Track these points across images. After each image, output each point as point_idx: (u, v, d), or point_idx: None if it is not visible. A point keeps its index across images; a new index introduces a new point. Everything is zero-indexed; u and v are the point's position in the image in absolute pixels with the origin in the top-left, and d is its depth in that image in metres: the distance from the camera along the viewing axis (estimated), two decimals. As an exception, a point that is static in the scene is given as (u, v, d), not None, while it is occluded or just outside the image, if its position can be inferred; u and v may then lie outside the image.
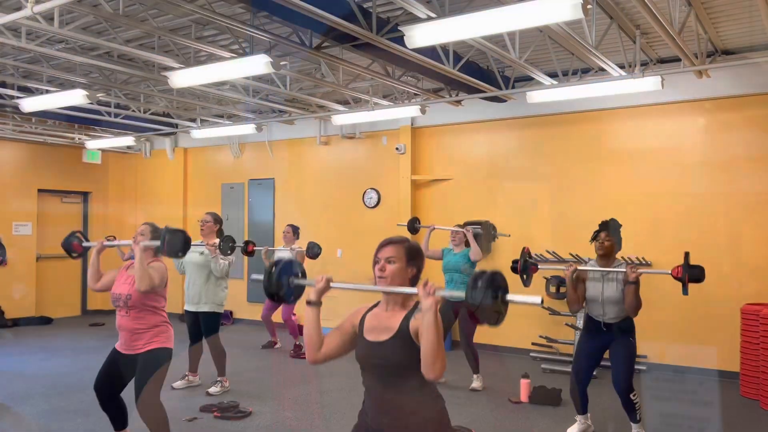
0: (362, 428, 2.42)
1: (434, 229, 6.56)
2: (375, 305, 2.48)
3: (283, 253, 7.50)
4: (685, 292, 4.28)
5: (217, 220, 6.02)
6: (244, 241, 7.76)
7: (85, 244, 4.20)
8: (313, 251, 7.55)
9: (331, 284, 2.36)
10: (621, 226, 4.57)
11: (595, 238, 4.55)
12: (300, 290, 2.55)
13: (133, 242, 3.85)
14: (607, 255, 4.48)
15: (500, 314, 2.07)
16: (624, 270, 4.33)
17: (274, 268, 2.46)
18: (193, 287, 5.86)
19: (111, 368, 3.95)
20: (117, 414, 4.03)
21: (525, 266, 4.63)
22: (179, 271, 6.00)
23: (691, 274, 4.25)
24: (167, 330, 3.99)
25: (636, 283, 4.24)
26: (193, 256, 5.86)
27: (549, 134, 7.70)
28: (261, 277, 2.50)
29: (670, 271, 4.33)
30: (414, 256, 2.39)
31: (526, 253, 4.70)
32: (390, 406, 2.31)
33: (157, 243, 3.81)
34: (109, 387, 3.94)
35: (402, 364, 2.26)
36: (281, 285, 2.47)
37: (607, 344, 4.51)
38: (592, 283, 4.53)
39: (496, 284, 2.04)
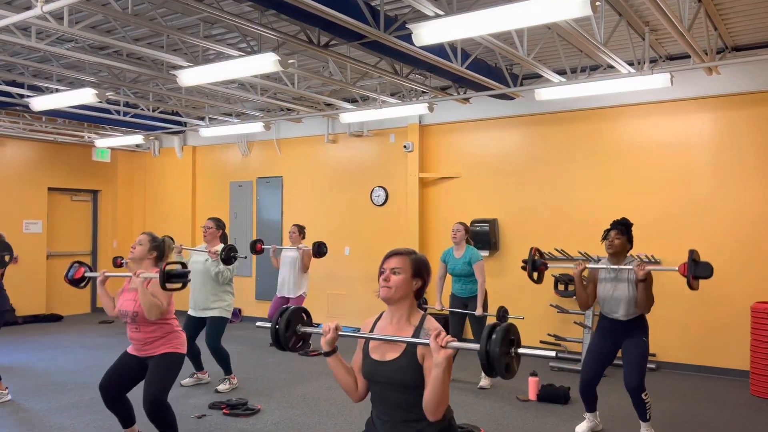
0: None
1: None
2: (379, 317, 2.45)
3: (290, 252, 7.52)
4: (691, 287, 4.30)
5: (220, 225, 5.95)
6: (252, 240, 7.81)
7: (87, 274, 4.19)
8: (320, 251, 7.59)
9: (340, 333, 2.33)
10: (632, 225, 4.56)
11: (605, 237, 4.54)
12: (308, 337, 2.52)
13: (134, 275, 3.84)
14: (617, 254, 4.48)
15: (512, 367, 2.07)
16: (632, 267, 4.33)
17: (280, 318, 2.41)
18: (198, 294, 5.84)
19: (120, 371, 3.98)
20: (123, 412, 4.06)
21: (534, 266, 4.63)
22: None
23: (696, 272, 4.25)
24: (179, 336, 4.03)
25: (645, 280, 4.25)
26: (196, 263, 5.86)
27: (557, 132, 7.68)
28: (268, 325, 2.48)
29: (677, 268, 4.35)
30: (420, 269, 2.36)
31: (534, 253, 4.68)
32: (397, 421, 2.29)
33: (156, 275, 3.75)
34: (115, 388, 3.97)
35: (408, 385, 2.24)
36: (289, 335, 2.43)
37: (619, 345, 4.51)
38: (603, 282, 4.53)
39: (509, 338, 2.05)
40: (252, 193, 10.43)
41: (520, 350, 2.07)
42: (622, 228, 4.49)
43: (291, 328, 2.42)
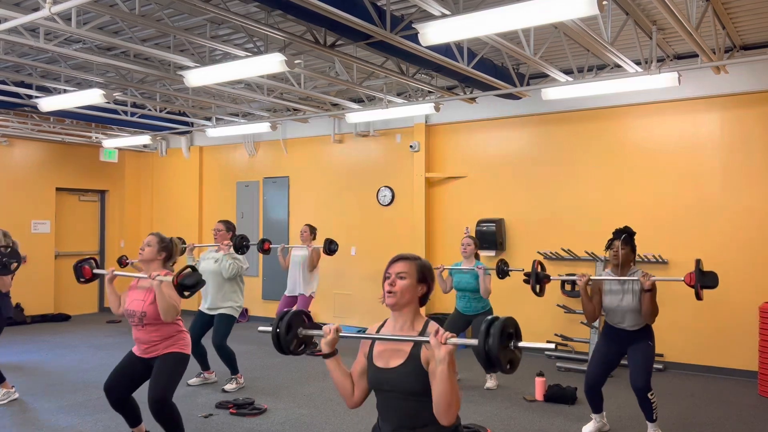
0: None
1: (443, 269, 6.17)
2: (382, 324, 2.43)
3: (300, 251, 7.52)
4: (698, 298, 4.31)
5: (230, 228, 6.11)
6: (260, 239, 7.77)
7: (96, 271, 4.18)
8: (331, 248, 7.53)
9: (340, 334, 2.33)
10: (635, 233, 4.53)
11: (609, 246, 4.51)
12: (310, 340, 2.49)
13: (149, 277, 3.79)
14: (621, 264, 4.46)
15: (513, 361, 2.05)
16: (638, 279, 4.30)
17: (281, 321, 2.39)
18: (210, 292, 5.90)
19: (125, 370, 3.99)
20: (129, 412, 4.08)
21: (537, 279, 4.66)
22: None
23: (703, 281, 4.25)
24: (184, 337, 4.04)
25: (651, 290, 4.24)
26: (207, 263, 5.95)
27: (564, 131, 7.66)
28: (269, 329, 2.44)
29: (683, 278, 4.37)
30: (425, 274, 2.35)
31: (537, 266, 4.71)
32: (404, 427, 2.26)
33: (170, 279, 3.74)
34: (120, 389, 3.98)
35: (415, 392, 2.22)
36: (290, 338, 2.40)
37: (624, 350, 4.49)
38: (608, 293, 4.50)
39: (508, 332, 2.03)
40: (258, 193, 10.46)
41: (520, 344, 2.06)
42: (626, 237, 4.45)
43: (291, 332, 2.41)
